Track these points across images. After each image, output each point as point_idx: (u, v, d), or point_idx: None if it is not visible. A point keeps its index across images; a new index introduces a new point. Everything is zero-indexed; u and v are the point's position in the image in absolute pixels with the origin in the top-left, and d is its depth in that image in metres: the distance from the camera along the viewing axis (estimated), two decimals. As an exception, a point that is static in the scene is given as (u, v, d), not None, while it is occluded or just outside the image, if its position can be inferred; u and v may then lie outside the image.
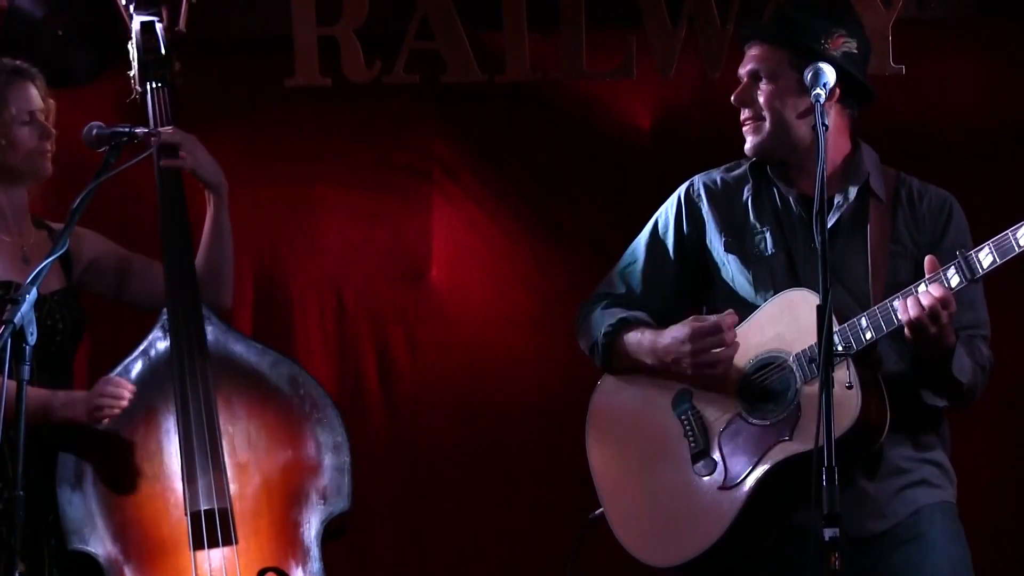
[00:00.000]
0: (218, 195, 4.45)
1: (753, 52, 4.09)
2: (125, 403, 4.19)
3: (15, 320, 3.69)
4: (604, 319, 4.18)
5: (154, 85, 4.53)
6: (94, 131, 4.30)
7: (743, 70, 4.10)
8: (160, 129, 4.44)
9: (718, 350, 3.99)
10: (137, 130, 4.30)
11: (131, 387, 4.22)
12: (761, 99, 4.05)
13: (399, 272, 5.88)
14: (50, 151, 4.38)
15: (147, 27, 4.57)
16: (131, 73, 4.56)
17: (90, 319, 4.52)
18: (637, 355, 4.12)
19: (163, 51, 4.55)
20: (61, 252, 3.96)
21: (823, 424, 3.46)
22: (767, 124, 4.05)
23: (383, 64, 5.72)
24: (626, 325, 4.15)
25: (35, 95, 4.40)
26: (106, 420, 4.19)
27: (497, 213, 5.87)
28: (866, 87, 4.09)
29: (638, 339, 4.12)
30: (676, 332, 4.04)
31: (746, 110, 4.09)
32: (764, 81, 4.05)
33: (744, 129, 4.10)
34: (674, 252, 4.21)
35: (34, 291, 3.77)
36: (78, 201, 4.08)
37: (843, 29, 4.05)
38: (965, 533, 4.04)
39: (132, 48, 4.56)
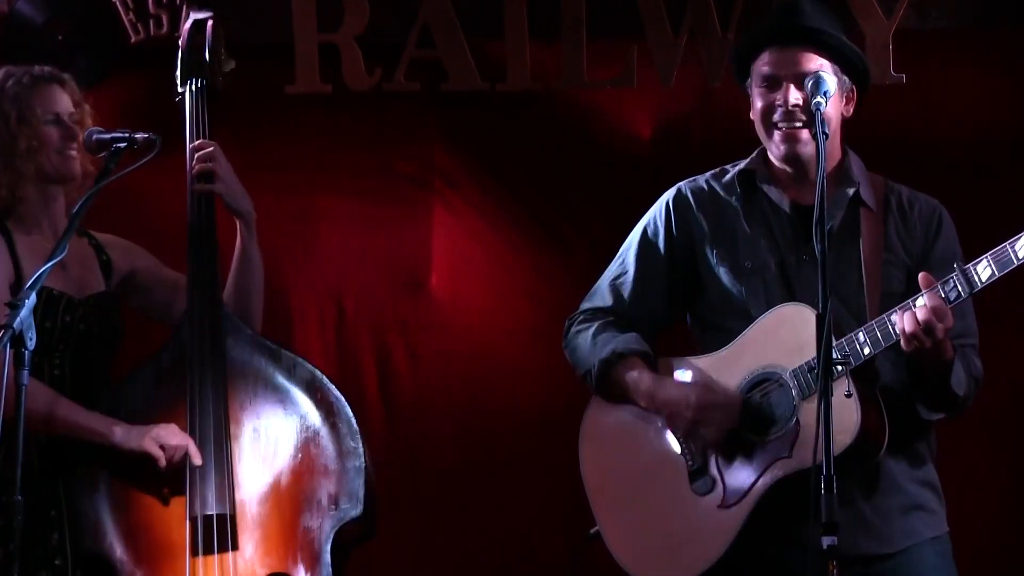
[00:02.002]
0: (246, 224, 4.45)
1: (795, 55, 3.98)
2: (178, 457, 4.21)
3: (14, 325, 3.68)
4: (596, 350, 4.13)
5: (195, 86, 4.48)
6: (94, 136, 4.29)
7: (787, 71, 3.97)
8: (200, 147, 4.41)
9: (717, 425, 3.96)
10: (137, 135, 4.28)
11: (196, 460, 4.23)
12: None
13: (399, 281, 5.88)
14: (75, 153, 4.37)
15: (198, 25, 4.52)
16: (176, 73, 4.53)
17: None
18: (631, 394, 4.09)
19: (208, 52, 4.50)
20: (60, 257, 3.94)
21: (822, 433, 3.44)
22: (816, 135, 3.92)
23: (384, 72, 5.73)
24: (621, 359, 4.10)
25: (62, 98, 4.39)
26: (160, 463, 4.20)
27: (498, 222, 5.86)
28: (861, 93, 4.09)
29: (635, 378, 4.08)
30: (683, 391, 4.01)
31: (800, 115, 3.97)
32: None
33: (794, 135, 3.96)
34: (665, 259, 4.16)
35: (33, 296, 3.76)
36: (78, 206, 4.08)
37: (850, 36, 4.07)
38: (965, 536, 4.07)
39: (180, 46, 4.52)
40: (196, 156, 4.39)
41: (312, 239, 5.86)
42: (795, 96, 3.94)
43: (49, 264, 3.88)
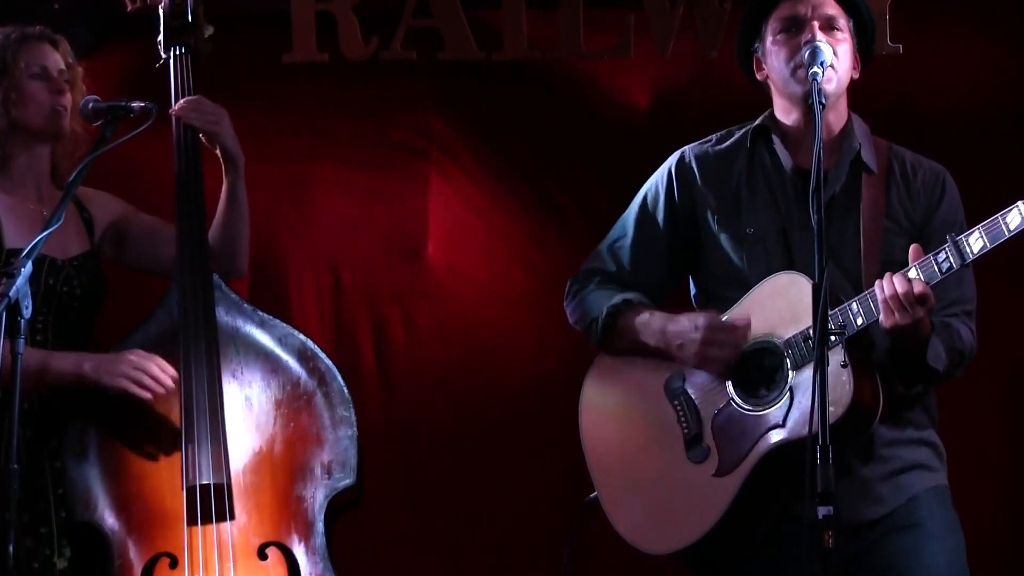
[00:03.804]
0: (234, 166, 4.44)
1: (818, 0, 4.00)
2: (162, 389, 4.20)
3: (10, 294, 3.67)
4: (604, 298, 4.13)
5: (178, 51, 4.50)
6: (90, 105, 4.29)
7: (811, 12, 3.97)
8: (187, 98, 4.43)
9: (727, 346, 3.96)
10: (133, 104, 4.28)
11: (172, 376, 4.22)
12: (840, 50, 3.95)
13: (396, 250, 5.88)
14: (64, 109, 4.35)
15: None
16: (158, 39, 4.54)
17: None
18: (641, 335, 4.07)
19: (190, 16, 4.51)
20: (57, 225, 3.93)
21: (817, 402, 3.43)
22: (837, 74, 3.95)
23: (380, 41, 5.72)
24: (630, 306, 4.10)
25: (51, 54, 4.38)
26: (141, 393, 4.18)
27: (494, 191, 5.86)
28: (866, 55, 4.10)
29: (645, 320, 4.07)
30: (692, 317, 4.00)
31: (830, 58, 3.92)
32: (839, 32, 3.97)
33: (827, 74, 3.90)
34: (665, 225, 4.15)
35: (29, 264, 3.75)
36: (74, 175, 4.07)
37: None
38: (969, 511, 4.05)
39: (160, 12, 4.54)
40: (181, 100, 4.41)
41: (308, 208, 5.86)
42: (821, 34, 3.93)
43: (46, 233, 3.88)
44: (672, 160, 4.19)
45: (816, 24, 3.96)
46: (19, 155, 4.36)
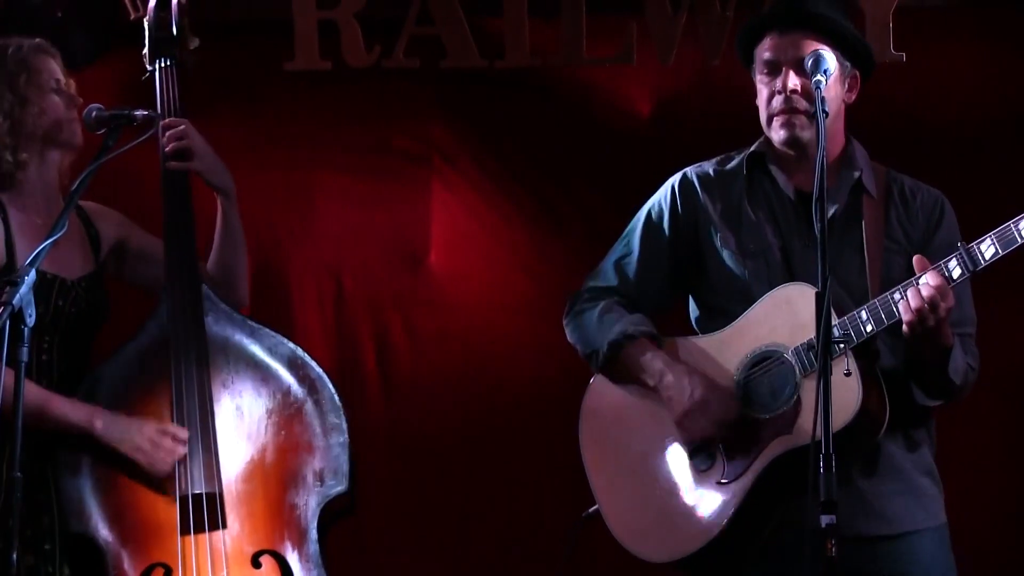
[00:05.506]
0: (227, 198, 4.44)
1: (794, 40, 3.96)
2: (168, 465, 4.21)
3: (14, 302, 3.67)
4: (604, 330, 4.13)
5: (163, 63, 4.49)
6: (93, 113, 4.28)
7: (786, 56, 3.96)
8: (171, 124, 4.40)
9: (705, 426, 3.96)
10: (136, 113, 4.27)
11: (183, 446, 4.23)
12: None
13: (398, 257, 5.88)
14: (78, 120, 4.36)
15: (162, 2, 4.53)
16: (144, 51, 4.54)
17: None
18: (641, 375, 4.07)
19: (175, 28, 4.50)
20: (60, 234, 3.93)
21: (821, 411, 3.44)
22: (812, 122, 3.91)
23: (383, 49, 5.73)
24: (631, 341, 4.09)
25: (57, 67, 4.39)
26: (151, 470, 4.20)
27: (496, 199, 5.87)
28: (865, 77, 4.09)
29: (647, 361, 4.06)
30: (691, 379, 3.99)
31: (799, 100, 3.93)
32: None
33: (791, 120, 3.94)
34: (669, 241, 4.16)
35: (33, 272, 3.75)
36: (77, 183, 4.07)
37: (853, 22, 4.07)
38: (967, 517, 4.08)
39: (146, 25, 4.53)
40: (168, 135, 4.38)
41: (311, 215, 5.87)
42: (794, 81, 3.93)
43: (49, 241, 3.87)
44: (675, 178, 4.21)
45: (791, 71, 3.94)
46: (34, 169, 4.36)
